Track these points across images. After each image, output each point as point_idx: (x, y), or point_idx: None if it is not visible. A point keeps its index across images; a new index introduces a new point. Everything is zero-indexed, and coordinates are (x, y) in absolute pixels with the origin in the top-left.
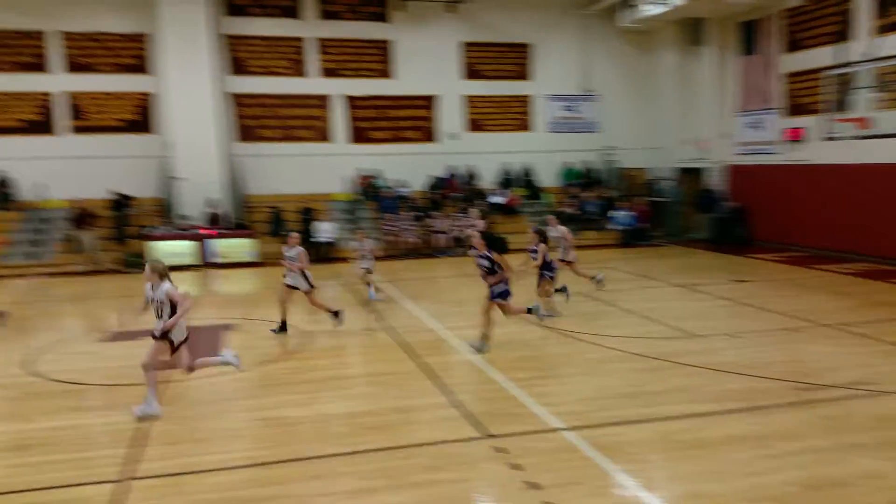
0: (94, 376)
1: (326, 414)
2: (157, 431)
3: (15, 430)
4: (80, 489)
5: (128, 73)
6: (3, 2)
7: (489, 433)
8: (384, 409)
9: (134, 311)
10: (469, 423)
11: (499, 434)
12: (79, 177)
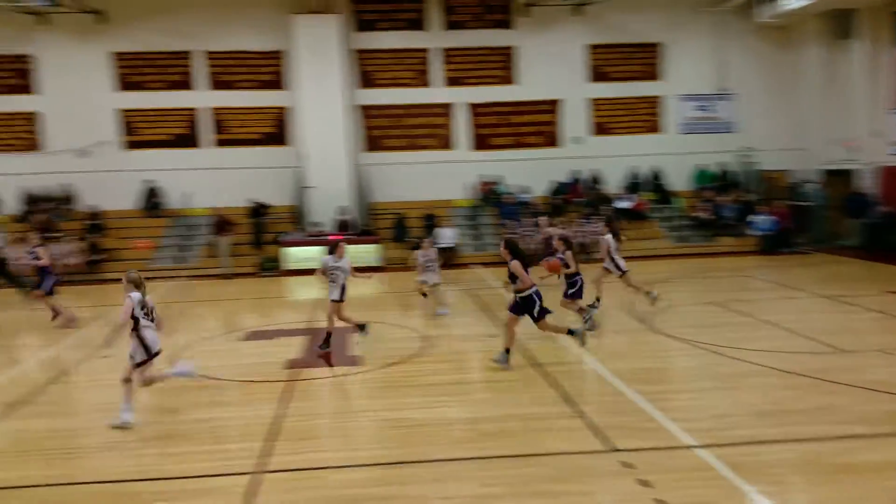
0: (231, 372)
1: (448, 418)
2: (288, 427)
3: (161, 420)
4: (217, 479)
5: (265, 89)
6: (157, 26)
7: (615, 447)
8: (505, 416)
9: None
10: (594, 435)
11: (626, 448)
12: (220, 186)
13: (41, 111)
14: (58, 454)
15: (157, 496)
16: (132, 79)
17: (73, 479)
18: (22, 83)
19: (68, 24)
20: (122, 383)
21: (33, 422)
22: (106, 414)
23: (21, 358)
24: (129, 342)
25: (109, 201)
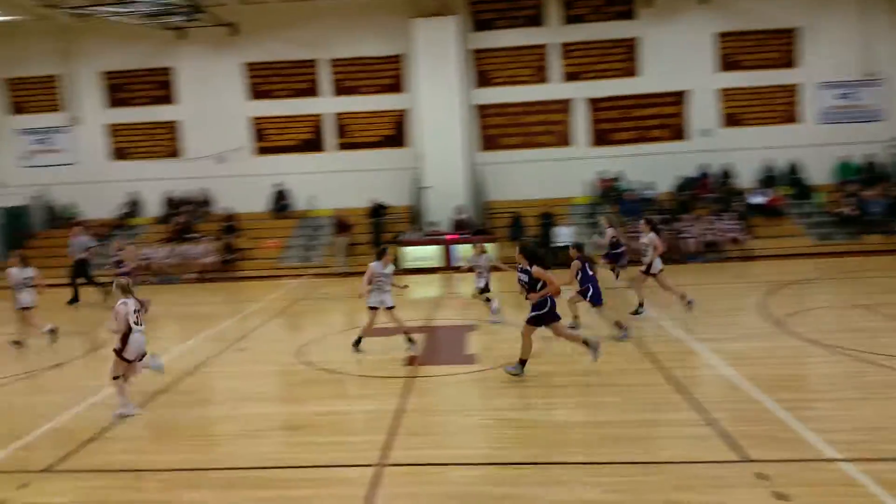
0: (353, 367)
1: (566, 420)
2: (407, 423)
3: (289, 411)
4: (342, 470)
5: (385, 92)
6: (285, 37)
7: (749, 457)
8: (628, 421)
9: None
10: (725, 443)
11: (761, 459)
12: (342, 188)
13: (181, 120)
14: (195, 440)
15: (287, 483)
16: (262, 88)
17: (209, 465)
18: (164, 94)
19: (204, 38)
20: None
21: (172, 410)
22: (240, 403)
23: (162, 349)
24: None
25: (242, 204)
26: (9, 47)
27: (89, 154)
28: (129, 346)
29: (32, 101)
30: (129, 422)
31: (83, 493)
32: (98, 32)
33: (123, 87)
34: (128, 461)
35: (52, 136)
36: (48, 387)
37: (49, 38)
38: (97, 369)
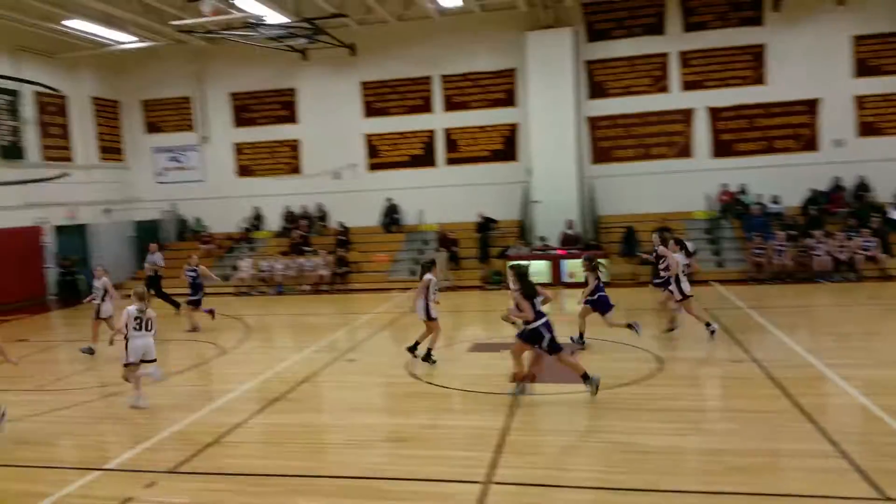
0: (458, 382)
1: (683, 447)
2: (513, 440)
3: (395, 423)
4: (448, 485)
5: (496, 106)
6: (400, 55)
7: (887, 495)
8: (750, 450)
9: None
10: (861, 478)
11: None
12: (451, 203)
13: (301, 138)
14: (306, 447)
15: (394, 495)
16: (377, 105)
17: (320, 472)
18: (286, 114)
19: (325, 59)
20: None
21: (285, 416)
22: (348, 413)
23: (278, 358)
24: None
25: (355, 218)
26: (147, 71)
27: (217, 171)
28: (128, 349)
29: (167, 121)
30: (245, 427)
31: (203, 494)
32: (227, 56)
33: (249, 108)
34: (244, 465)
35: (184, 155)
36: (171, 392)
37: (183, 62)
38: (217, 375)
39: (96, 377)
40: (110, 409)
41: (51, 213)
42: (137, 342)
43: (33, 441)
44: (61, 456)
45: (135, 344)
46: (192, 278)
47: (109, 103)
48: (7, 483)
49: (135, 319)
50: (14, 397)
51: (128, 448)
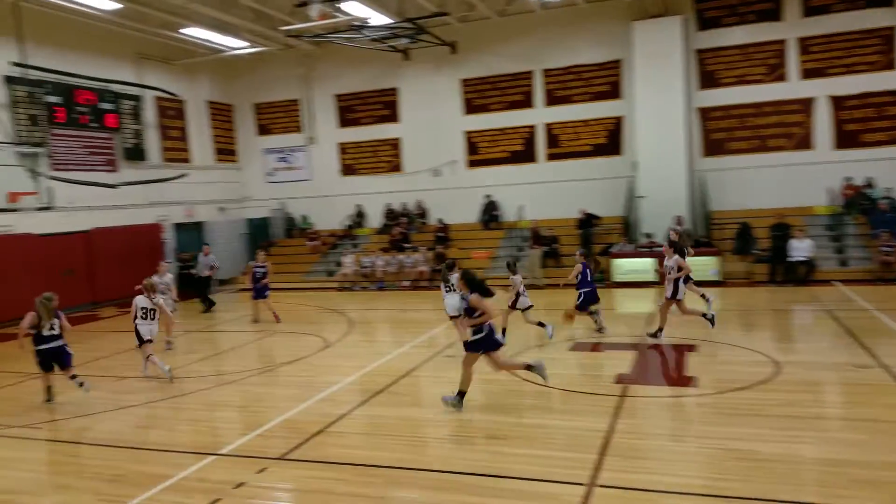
0: (559, 381)
1: (801, 456)
2: (618, 443)
3: (495, 420)
4: (550, 485)
5: (600, 100)
6: (501, 51)
7: None
8: (878, 463)
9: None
10: None
11: None
12: (552, 199)
13: (402, 137)
14: (406, 440)
15: (494, 492)
16: (477, 102)
17: (421, 465)
18: (388, 113)
19: (426, 58)
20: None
21: (387, 409)
22: (448, 408)
23: (379, 353)
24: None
25: (454, 215)
26: (258, 75)
27: (322, 170)
28: (138, 333)
29: (276, 123)
30: (349, 418)
31: (311, 482)
32: (333, 58)
33: (353, 108)
34: (349, 455)
35: (292, 155)
36: (283, 381)
37: (291, 65)
38: (322, 367)
39: (212, 366)
40: (224, 397)
41: (170, 212)
42: (143, 328)
43: (153, 425)
44: (179, 440)
45: (142, 328)
46: (262, 274)
47: (224, 107)
48: (129, 464)
49: (141, 309)
50: (135, 384)
51: (240, 435)
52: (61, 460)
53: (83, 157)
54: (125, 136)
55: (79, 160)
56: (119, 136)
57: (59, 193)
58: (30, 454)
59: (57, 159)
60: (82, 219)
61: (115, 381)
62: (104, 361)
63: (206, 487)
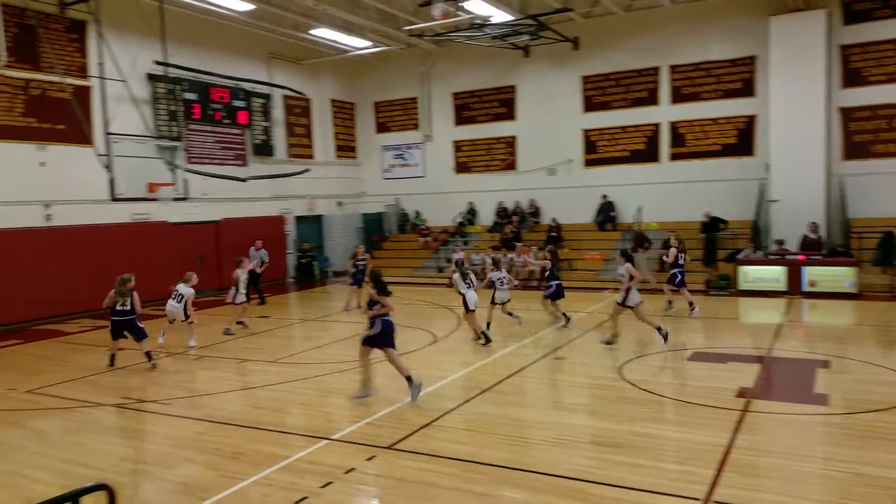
0: (674, 391)
1: None
2: (737, 459)
3: (604, 427)
4: (661, 498)
5: (731, 97)
6: (624, 47)
7: None
8: None
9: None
10: None
11: None
12: (674, 200)
13: (517, 135)
14: (512, 440)
15: (602, 500)
16: (598, 99)
17: (526, 466)
18: (504, 111)
19: (546, 55)
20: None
21: (493, 407)
22: (555, 412)
23: (487, 350)
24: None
25: (568, 215)
26: (379, 74)
27: (436, 168)
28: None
29: (395, 121)
30: (456, 414)
31: (417, 473)
32: (452, 57)
33: (469, 106)
34: (454, 450)
35: (409, 152)
36: (392, 373)
37: (411, 64)
38: (430, 362)
39: (328, 354)
40: (337, 384)
41: (292, 205)
42: (170, 307)
43: (270, 407)
44: (293, 423)
45: (168, 306)
46: (362, 268)
47: (346, 105)
48: (247, 442)
49: (174, 294)
50: (255, 367)
51: (352, 422)
52: (187, 436)
53: (216, 151)
54: (255, 132)
55: (212, 154)
56: (249, 132)
57: (193, 185)
58: (160, 428)
59: (192, 153)
60: (213, 209)
61: (238, 363)
62: (229, 344)
63: (318, 470)
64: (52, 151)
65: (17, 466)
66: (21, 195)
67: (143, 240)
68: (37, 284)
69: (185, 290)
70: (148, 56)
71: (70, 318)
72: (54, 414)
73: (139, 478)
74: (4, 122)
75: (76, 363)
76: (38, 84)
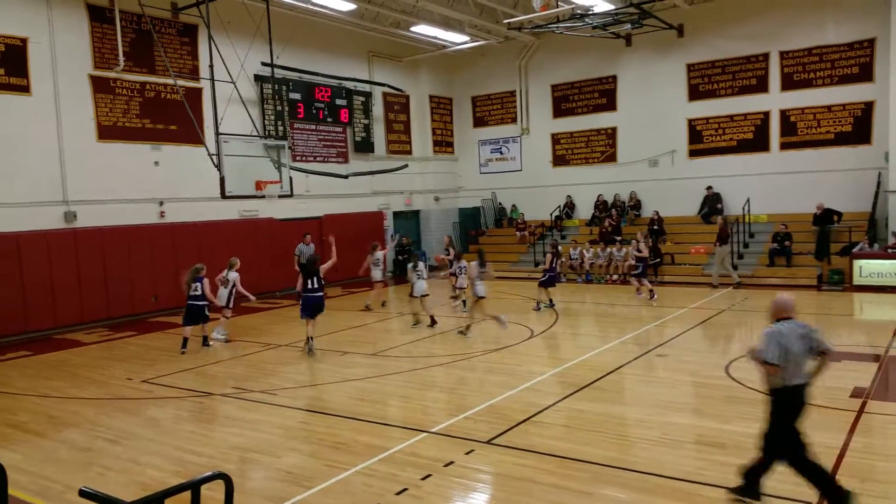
0: None
1: None
2: (851, 462)
3: (710, 427)
4: (770, 500)
5: (847, 83)
6: (732, 33)
7: None
8: None
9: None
10: None
11: None
12: (784, 192)
13: (617, 126)
14: (612, 438)
15: (709, 501)
16: (704, 88)
17: (629, 466)
18: (604, 102)
19: (649, 43)
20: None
21: (593, 405)
22: (658, 410)
23: (585, 346)
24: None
25: (671, 207)
26: (476, 69)
27: (533, 161)
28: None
29: (492, 115)
30: (554, 410)
31: (515, 469)
32: (550, 49)
33: (568, 98)
34: (553, 447)
35: (506, 146)
36: (489, 367)
37: (509, 57)
38: (528, 357)
39: (424, 349)
40: (434, 378)
41: (391, 200)
42: (220, 293)
43: (370, 399)
44: (393, 415)
45: (219, 293)
46: (451, 262)
47: (444, 100)
48: (349, 433)
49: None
50: (357, 359)
51: (450, 416)
52: (292, 425)
53: (319, 149)
54: (355, 129)
55: (315, 152)
56: (350, 130)
57: (297, 182)
58: (266, 417)
59: (296, 151)
60: (316, 206)
61: (339, 355)
62: (330, 337)
63: (417, 462)
64: (166, 151)
65: (132, 453)
66: (137, 193)
67: (251, 235)
68: (152, 279)
69: (232, 275)
70: (255, 57)
71: (182, 311)
72: (168, 403)
73: (247, 466)
74: (122, 123)
75: (187, 354)
76: (152, 86)
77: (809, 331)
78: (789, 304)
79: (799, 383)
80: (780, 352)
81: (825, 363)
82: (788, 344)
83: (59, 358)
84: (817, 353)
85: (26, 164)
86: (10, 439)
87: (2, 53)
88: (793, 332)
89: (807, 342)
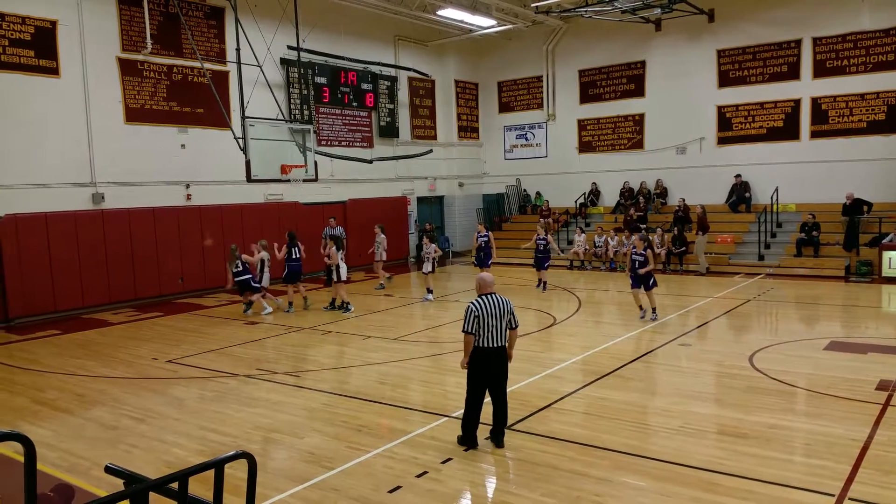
0: (807, 382)
1: None
2: (877, 455)
3: (733, 417)
4: (792, 491)
5: (882, 70)
6: (765, 18)
7: None
8: None
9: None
10: None
11: None
12: (814, 181)
13: (645, 112)
14: (634, 426)
15: (730, 492)
16: (734, 74)
17: (650, 454)
18: (632, 88)
19: (679, 28)
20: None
21: (615, 392)
22: (681, 399)
23: (608, 335)
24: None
25: (698, 196)
26: (503, 53)
27: (559, 147)
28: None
29: (518, 100)
30: (575, 397)
31: (536, 455)
32: (578, 33)
33: (596, 84)
34: (574, 434)
35: (531, 132)
36: (515, 354)
37: (536, 42)
38: (550, 344)
39: (447, 333)
40: (455, 363)
41: (415, 185)
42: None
43: (392, 383)
44: (414, 399)
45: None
46: (485, 243)
47: (469, 85)
48: (371, 416)
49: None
50: (379, 343)
51: None
52: (316, 407)
53: (343, 133)
54: (381, 114)
55: (340, 136)
56: (375, 115)
57: (322, 166)
58: (291, 399)
59: (321, 135)
60: (341, 190)
61: (362, 339)
62: (354, 321)
63: (438, 446)
64: (192, 134)
65: (158, 432)
66: (163, 176)
67: (276, 218)
68: (178, 260)
69: (265, 255)
70: (281, 41)
71: (208, 293)
72: (193, 383)
73: (270, 446)
74: (150, 106)
75: (213, 335)
76: (179, 69)
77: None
78: (489, 281)
79: (491, 346)
80: (473, 322)
81: (515, 336)
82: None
83: (87, 337)
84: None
85: (55, 145)
86: (39, 416)
87: (32, 36)
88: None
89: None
